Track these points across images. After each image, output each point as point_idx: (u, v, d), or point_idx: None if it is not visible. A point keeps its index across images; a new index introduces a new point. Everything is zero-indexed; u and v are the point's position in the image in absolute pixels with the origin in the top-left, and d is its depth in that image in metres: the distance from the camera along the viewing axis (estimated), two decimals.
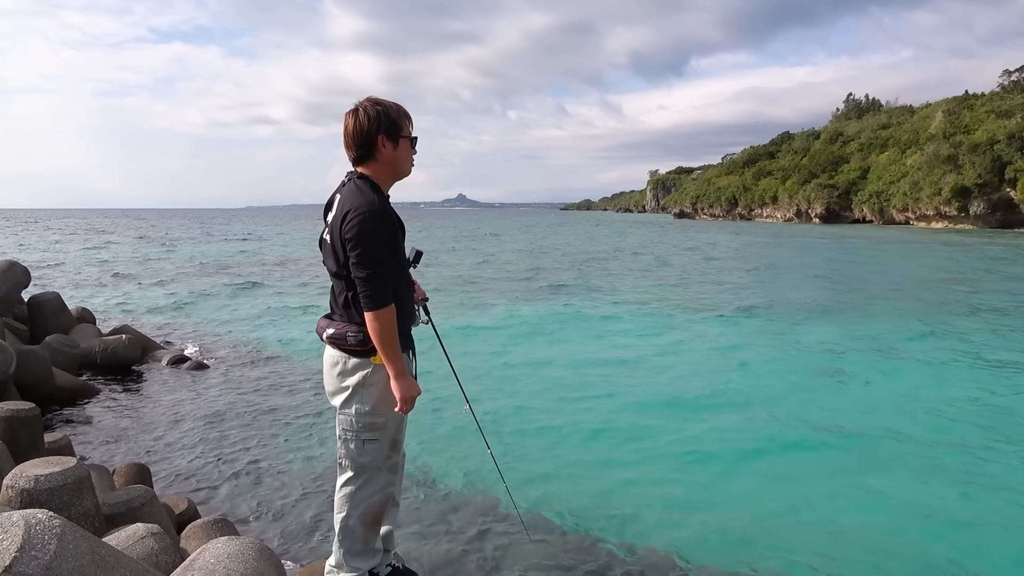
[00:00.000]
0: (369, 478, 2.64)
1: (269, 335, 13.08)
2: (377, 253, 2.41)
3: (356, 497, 2.64)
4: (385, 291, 2.44)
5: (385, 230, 2.45)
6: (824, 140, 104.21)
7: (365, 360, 2.55)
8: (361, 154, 2.55)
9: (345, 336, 2.56)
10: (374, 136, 2.51)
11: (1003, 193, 61.38)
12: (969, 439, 6.96)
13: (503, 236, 58.39)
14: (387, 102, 2.55)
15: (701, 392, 8.94)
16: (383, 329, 2.44)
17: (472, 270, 26.59)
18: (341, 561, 2.69)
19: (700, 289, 20.28)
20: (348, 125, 2.55)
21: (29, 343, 8.82)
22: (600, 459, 6.59)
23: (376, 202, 2.45)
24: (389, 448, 2.65)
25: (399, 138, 2.55)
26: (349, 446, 2.62)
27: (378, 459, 2.63)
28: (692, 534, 5.09)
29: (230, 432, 7.28)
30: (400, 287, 2.61)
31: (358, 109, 2.53)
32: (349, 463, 2.64)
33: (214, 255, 35.15)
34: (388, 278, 2.46)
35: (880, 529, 5.12)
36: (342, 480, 2.68)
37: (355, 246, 2.41)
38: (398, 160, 2.58)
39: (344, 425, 2.62)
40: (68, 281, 22.17)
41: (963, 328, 13.21)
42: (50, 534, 1.62)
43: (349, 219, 2.42)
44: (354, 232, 2.40)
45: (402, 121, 2.57)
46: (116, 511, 3.82)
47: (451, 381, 3.25)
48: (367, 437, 2.59)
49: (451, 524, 5.18)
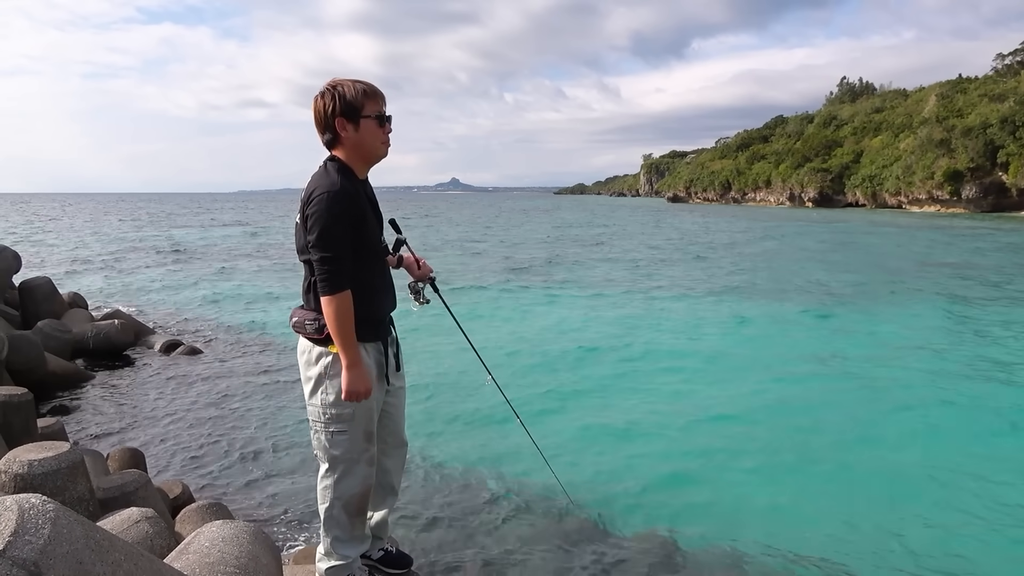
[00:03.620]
0: (345, 470, 2.56)
1: (261, 320, 13.06)
2: (334, 236, 2.34)
3: (336, 489, 2.58)
4: (341, 275, 2.36)
5: (347, 212, 2.37)
6: (818, 124, 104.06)
7: (325, 349, 2.48)
8: (328, 138, 2.49)
9: (304, 324, 2.51)
10: (332, 120, 2.45)
11: (995, 177, 61.53)
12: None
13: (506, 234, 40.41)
14: (346, 83, 2.47)
15: (718, 378, 9.01)
16: (337, 315, 2.35)
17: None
18: (329, 549, 2.66)
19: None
20: (313, 110, 2.50)
21: (21, 328, 8.77)
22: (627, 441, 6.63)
23: (338, 183, 2.38)
24: (363, 440, 2.56)
25: (359, 119, 2.46)
26: (320, 438, 2.55)
27: (351, 451, 2.55)
28: (699, 518, 5.15)
29: (224, 417, 7.29)
30: (372, 274, 2.54)
31: (318, 94, 2.49)
32: (322, 455, 2.58)
33: (206, 240, 34.96)
34: (345, 262, 2.37)
35: (898, 521, 5.18)
36: (320, 472, 2.63)
37: (312, 227, 2.35)
38: (363, 141, 2.49)
39: (313, 416, 2.55)
40: (59, 266, 22.03)
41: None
42: (44, 519, 1.62)
43: (310, 200, 2.38)
44: (312, 212, 2.35)
45: (361, 100, 2.45)
46: (110, 495, 3.83)
47: (457, 360, 3.22)
48: (335, 429, 2.51)
49: (450, 503, 5.22)
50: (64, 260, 24.16)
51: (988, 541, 4.78)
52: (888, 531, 4.91)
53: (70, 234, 38.57)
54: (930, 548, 4.67)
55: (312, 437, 2.59)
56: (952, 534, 4.87)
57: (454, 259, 24.61)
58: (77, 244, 31.44)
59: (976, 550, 4.66)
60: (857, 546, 4.71)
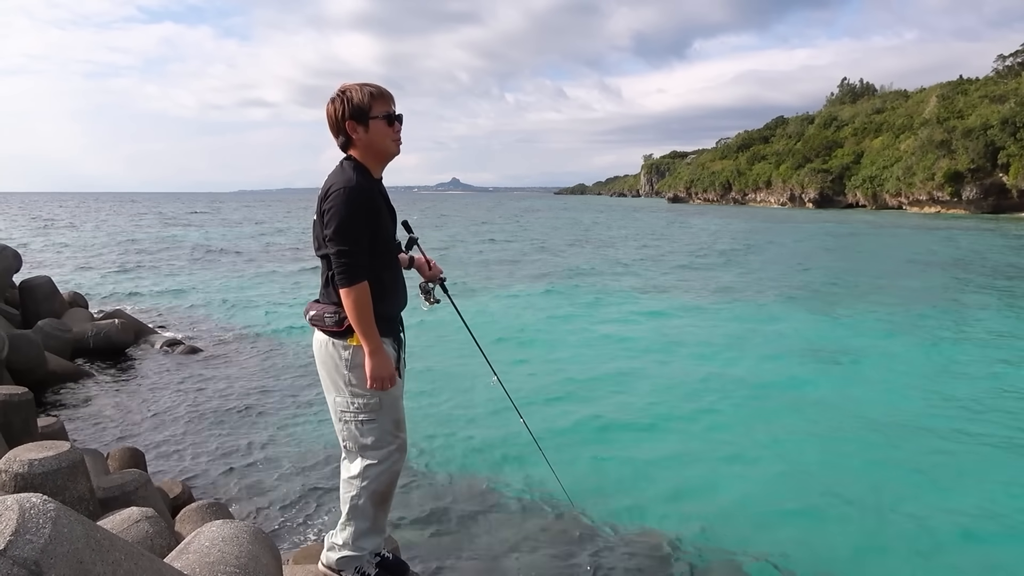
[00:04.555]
0: (378, 459, 2.62)
1: (262, 319, 13.07)
2: (351, 229, 2.43)
3: (365, 477, 2.63)
4: (358, 268, 2.44)
5: (363, 208, 2.47)
6: (818, 125, 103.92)
7: (344, 341, 2.55)
8: (342, 141, 2.61)
9: (323, 317, 2.57)
10: (343, 124, 2.57)
11: (995, 178, 61.46)
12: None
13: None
14: (353, 87, 2.58)
15: (717, 378, 9.01)
16: (357, 305, 2.44)
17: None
18: (348, 540, 2.70)
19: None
20: (326, 115, 2.63)
21: (21, 327, 8.78)
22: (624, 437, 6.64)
23: (354, 180, 2.48)
24: (393, 427, 2.63)
25: (368, 120, 2.57)
26: (350, 428, 2.61)
27: (382, 439, 2.61)
28: (701, 519, 5.15)
29: (224, 416, 7.29)
30: (385, 270, 2.61)
31: (330, 100, 2.61)
32: (353, 445, 2.63)
33: (208, 239, 34.96)
34: (362, 255, 2.46)
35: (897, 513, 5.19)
36: (348, 462, 2.69)
37: (330, 221, 2.44)
38: (374, 142, 2.59)
39: (341, 407, 2.61)
40: (60, 265, 22.04)
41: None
42: (44, 518, 1.63)
43: (328, 195, 2.48)
44: (329, 207, 2.45)
45: (368, 102, 2.57)
46: (111, 495, 3.83)
47: (465, 361, 3.23)
48: (365, 418, 2.58)
49: (449, 503, 5.22)
50: (65, 259, 24.17)
51: (985, 539, 4.79)
52: (888, 531, 4.91)
53: (72, 233, 38.58)
54: (928, 549, 4.69)
55: (341, 428, 2.65)
56: (949, 533, 4.88)
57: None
58: (78, 243, 31.44)
59: (976, 551, 4.68)
60: (856, 546, 4.72)
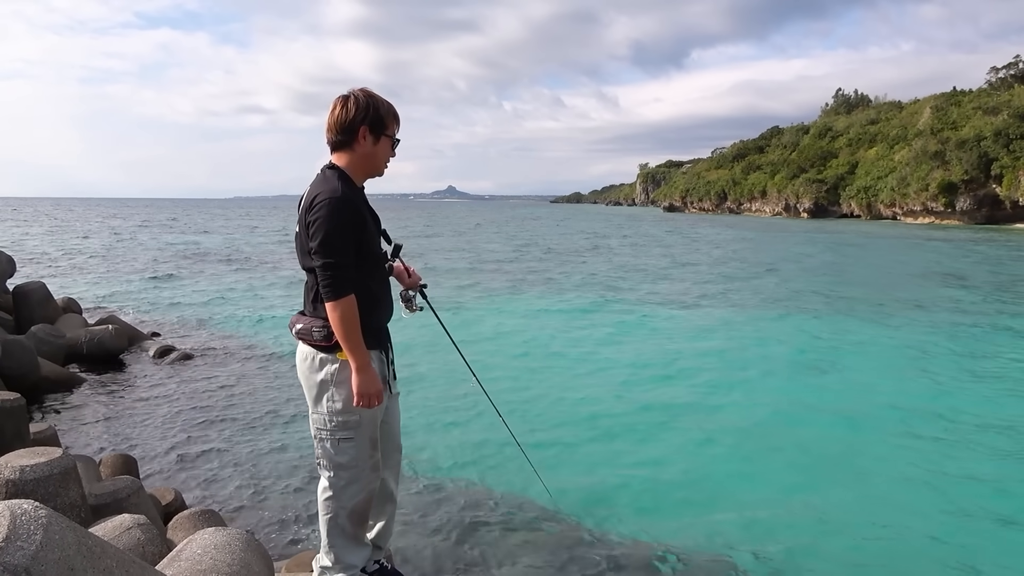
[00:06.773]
0: (351, 478, 2.55)
1: (255, 327, 13.04)
2: (338, 241, 2.36)
3: (341, 498, 2.56)
4: (345, 281, 2.38)
5: (350, 220, 2.40)
6: (813, 135, 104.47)
7: (332, 356, 2.48)
8: (340, 140, 2.52)
9: (311, 331, 2.50)
10: (357, 126, 2.48)
11: (989, 189, 61.86)
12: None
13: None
14: (380, 97, 2.52)
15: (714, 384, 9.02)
16: (344, 320, 2.37)
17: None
18: (334, 560, 2.63)
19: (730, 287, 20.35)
20: (335, 109, 2.52)
21: (14, 333, 8.74)
22: (606, 442, 6.64)
23: (340, 189, 2.41)
24: (369, 447, 2.56)
25: (381, 135, 2.53)
26: (325, 446, 2.53)
27: (358, 458, 2.54)
28: (690, 524, 5.15)
29: (216, 423, 7.27)
30: (372, 281, 2.55)
31: (349, 96, 2.51)
32: (327, 463, 2.56)
33: (201, 246, 34.89)
34: (348, 268, 2.39)
35: (890, 523, 5.20)
36: (324, 481, 2.60)
37: (315, 233, 2.37)
38: (375, 156, 2.55)
39: (318, 424, 2.54)
40: (53, 270, 21.96)
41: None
42: (36, 524, 1.62)
43: (313, 206, 2.40)
44: (315, 218, 2.38)
45: (389, 120, 2.54)
46: (102, 502, 3.81)
47: (453, 373, 3.22)
48: (342, 436, 2.50)
49: (438, 511, 5.21)
50: (59, 265, 24.08)
51: (985, 544, 4.80)
52: (887, 531, 4.92)
53: (67, 238, 38.46)
54: (925, 549, 4.69)
55: (316, 446, 2.57)
56: (948, 536, 4.89)
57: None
58: (73, 249, 31.33)
59: (975, 551, 4.69)
60: (852, 547, 4.73)
